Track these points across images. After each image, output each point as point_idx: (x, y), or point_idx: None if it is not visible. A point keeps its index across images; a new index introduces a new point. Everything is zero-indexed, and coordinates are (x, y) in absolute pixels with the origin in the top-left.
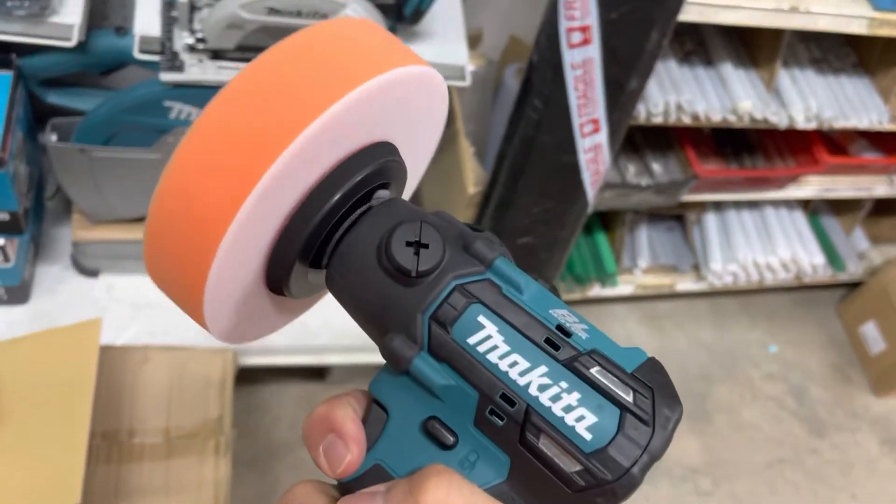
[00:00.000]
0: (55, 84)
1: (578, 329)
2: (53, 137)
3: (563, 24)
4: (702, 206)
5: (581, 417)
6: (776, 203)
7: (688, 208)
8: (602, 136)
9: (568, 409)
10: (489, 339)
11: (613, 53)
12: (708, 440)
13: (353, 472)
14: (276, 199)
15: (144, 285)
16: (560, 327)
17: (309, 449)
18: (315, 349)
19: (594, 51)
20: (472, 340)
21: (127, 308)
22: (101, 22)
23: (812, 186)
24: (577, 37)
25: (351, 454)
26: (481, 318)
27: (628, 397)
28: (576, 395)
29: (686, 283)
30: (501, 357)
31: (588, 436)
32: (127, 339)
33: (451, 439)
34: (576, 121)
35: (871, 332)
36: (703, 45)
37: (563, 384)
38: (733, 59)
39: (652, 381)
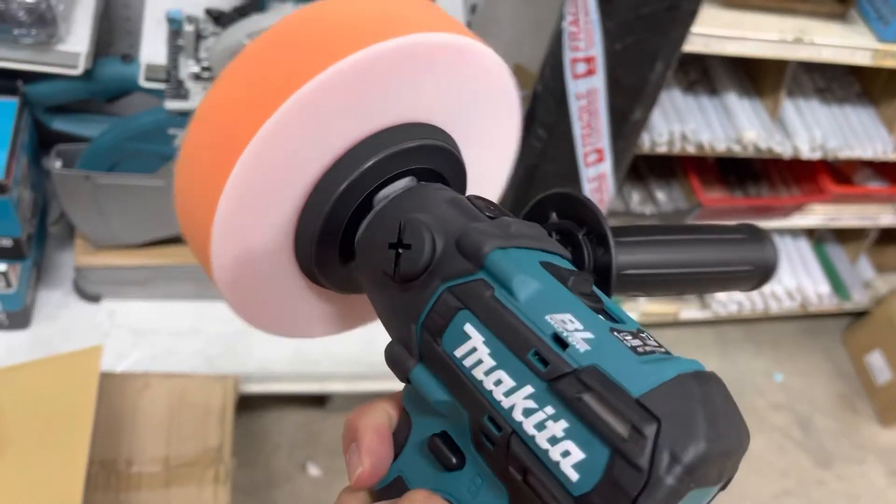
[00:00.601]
0: (60, 110)
1: (578, 339)
2: (58, 164)
3: (568, 55)
4: None
5: (567, 453)
6: (781, 232)
7: None
8: (606, 166)
9: (553, 440)
10: (475, 351)
11: (618, 84)
12: None
13: (365, 484)
14: (296, 146)
15: (146, 311)
16: (556, 336)
17: (343, 453)
18: (316, 376)
19: (599, 81)
20: (458, 353)
21: (128, 334)
22: (108, 49)
23: (817, 215)
24: (581, 67)
25: (362, 467)
26: (468, 328)
27: (622, 432)
28: (562, 424)
29: (690, 312)
30: (487, 373)
31: (574, 476)
32: (128, 365)
33: (452, 460)
34: (580, 150)
35: (876, 361)
36: (707, 74)
37: (549, 409)
38: (738, 89)
39: (665, 409)
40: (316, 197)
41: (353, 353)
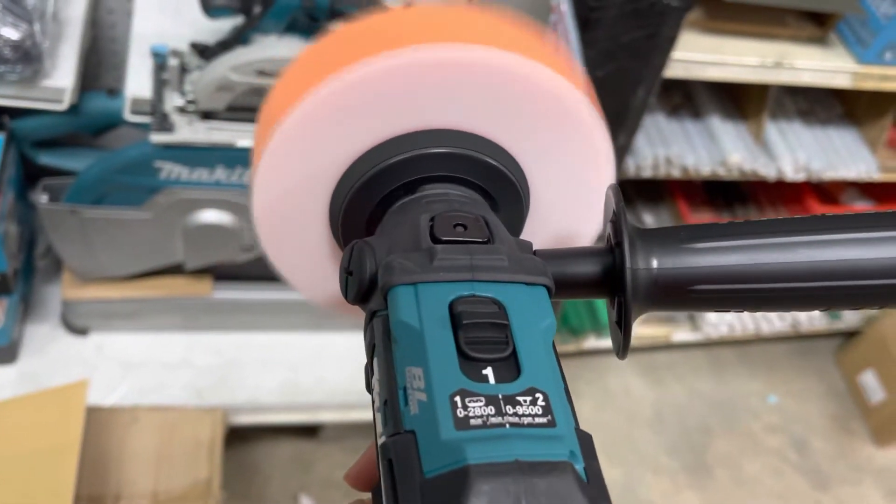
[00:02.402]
0: (47, 145)
1: (413, 400)
2: (44, 198)
3: None
4: None
5: None
6: None
7: None
8: None
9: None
10: (374, 387)
11: (600, 110)
12: (709, 495)
13: (352, 483)
14: (340, 120)
15: (135, 343)
16: (405, 390)
17: None
18: (307, 406)
19: None
20: (373, 383)
21: (117, 367)
22: (96, 84)
23: None
24: None
25: (351, 469)
26: (375, 362)
27: None
28: (384, 483)
29: (682, 334)
30: (378, 410)
31: None
32: (117, 398)
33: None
34: None
35: (869, 381)
36: (691, 99)
37: (382, 466)
38: (721, 113)
39: (438, 500)
40: (355, 168)
41: (344, 382)
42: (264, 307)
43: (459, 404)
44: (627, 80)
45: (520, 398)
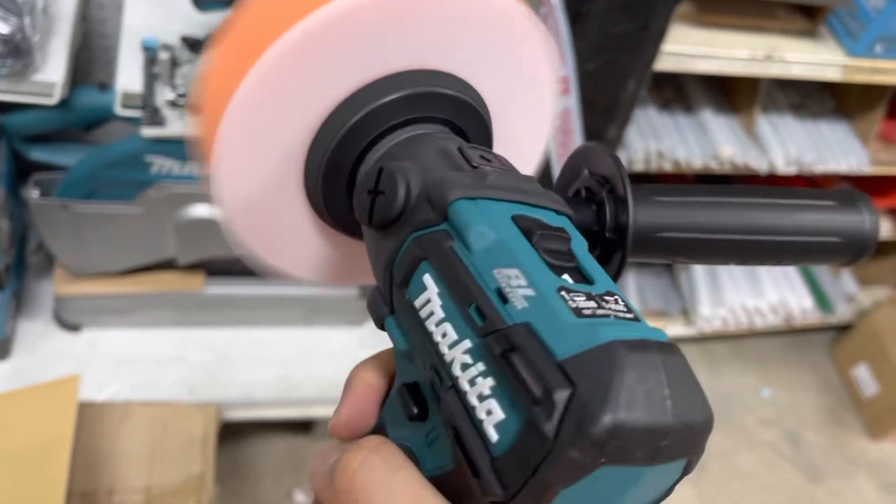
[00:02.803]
0: (38, 140)
1: (518, 295)
2: (35, 193)
3: None
4: None
5: (490, 412)
6: None
7: None
8: None
9: (481, 398)
10: (429, 303)
11: (591, 103)
12: (703, 489)
13: (338, 433)
14: (315, 68)
15: (127, 339)
16: (499, 291)
17: None
18: (301, 402)
19: (572, 101)
20: (418, 303)
21: (109, 363)
22: (88, 79)
23: None
24: None
25: (338, 417)
26: (426, 278)
27: (537, 395)
28: (490, 382)
29: (676, 329)
30: (437, 325)
31: (494, 436)
32: (109, 394)
33: (414, 410)
34: (556, 169)
35: (863, 374)
36: (682, 92)
37: (480, 366)
38: (713, 107)
39: (584, 375)
40: (328, 126)
41: (337, 377)
42: (257, 302)
43: (567, 298)
44: (618, 72)
45: (606, 297)
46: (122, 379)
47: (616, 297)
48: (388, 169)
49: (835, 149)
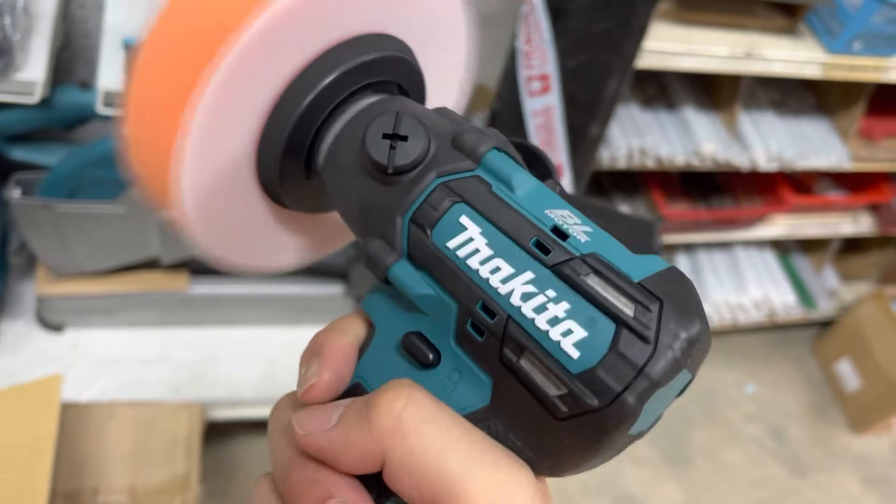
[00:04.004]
0: (20, 140)
1: (578, 231)
2: (17, 193)
3: (523, 74)
4: (672, 248)
5: (568, 332)
6: (746, 243)
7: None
8: (565, 181)
9: (554, 321)
10: (470, 242)
11: (573, 100)
12: (689, 484)
13: (315, 397)
14: (260, 63)
15: (111, 339)
16: (556, 229)
17: (300, 366)
18: None
19: (554, 98)
20: (452, 244)
21: (93, 363)
22: (69, 78)
23: (779, 226)
24: (536, 85)
25: (318, 378)
26: (464, 219)
27: (627, 309)
28: (564, 306)
29: None
30: (483, 262)
31: (575, 353)
32: (93, 395)
33: (429, 356)
34: None
35: (845, 369)
36: (665, 90)
37: (551, 293)
38: (695, 104)
39: (664, 291)
40: (280, 111)
41: None
42: (241, 301)
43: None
44: (599, 69)
45: None
46: (106, 379)
47: None
48: (407, 114)
49: (815, 145)
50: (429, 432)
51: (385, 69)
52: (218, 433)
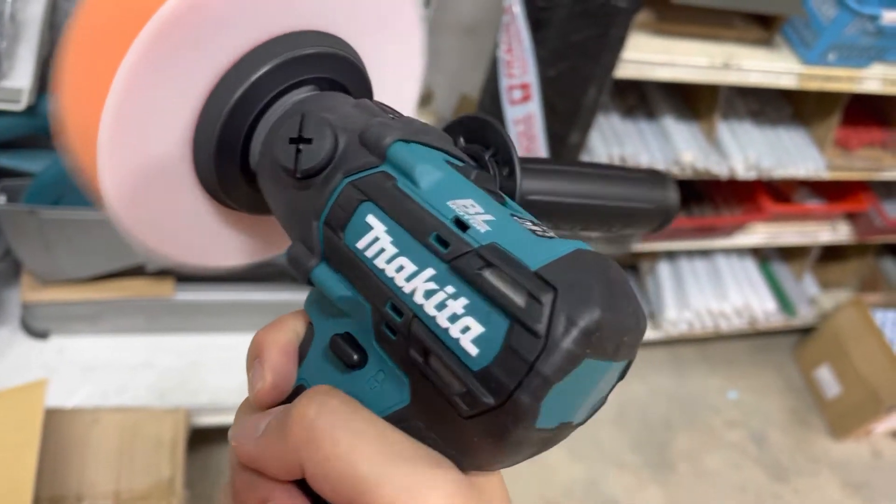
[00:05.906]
0: (5, 146)
1: (478, 221)
2: (2, 199)
3: (504, 82)
4: (654, 256)
5: (466, 329)
6: (727, 251)
7: (641, 258)
8: None
9: (453, 318)
10: (377, 241)
11: (553, 109)
12: (671, 489)
13: (265, 400)
14: (186, 50)
15: (96, 346)
16: (457, 220)
17: (246, 371)
18: None
19: (535, 107)
20: (360, 245)
21: (78, 370)
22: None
23: (759, 234)
24: (517, 94)
25: (263, 382)
26: (370, 219)
27: (520, 302)
28: (462, 302)
29: None
30: (388, 261)
31: (474, 350)
32: (78, 401)
33: (353, 357)
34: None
35: (825, 376)
36: (645, 99)
37: (449, 289)
38: (674, 113)
39: (562, 279)
40: (210, 107)
41: None
42: (227, 308)
43: (520, 222)
44: (579, 78)
45: (542, 225)
46: (92, 385)
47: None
48: (312, 115)
49: (793, 154)
50: (341, 438)
51: (319, 65)
52: (203, 438)
